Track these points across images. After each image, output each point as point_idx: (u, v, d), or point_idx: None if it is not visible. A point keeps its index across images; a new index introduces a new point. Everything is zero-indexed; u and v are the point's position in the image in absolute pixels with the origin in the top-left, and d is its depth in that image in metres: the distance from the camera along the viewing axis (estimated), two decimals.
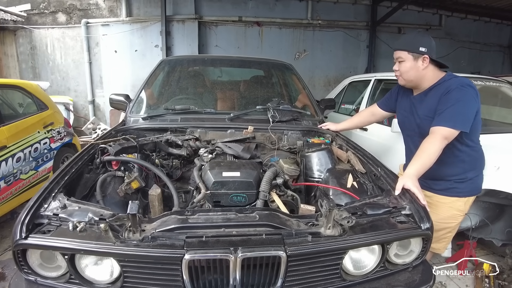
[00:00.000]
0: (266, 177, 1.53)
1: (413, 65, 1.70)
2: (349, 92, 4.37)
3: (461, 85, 1.62)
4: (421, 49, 1.66)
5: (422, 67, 1.69)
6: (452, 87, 1.63)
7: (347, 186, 1.67)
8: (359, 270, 1.27)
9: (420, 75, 1.72)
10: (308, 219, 1.27)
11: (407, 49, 1.70)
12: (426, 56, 1.67)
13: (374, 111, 2.18)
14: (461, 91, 1.60)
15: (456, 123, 1.56)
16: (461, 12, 7.35)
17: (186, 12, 6.37)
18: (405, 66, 1.72)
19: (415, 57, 1.68)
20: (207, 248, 1.05)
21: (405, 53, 1.70)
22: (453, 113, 1.57)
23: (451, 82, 1.67)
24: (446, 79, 1.71)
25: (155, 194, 1.53)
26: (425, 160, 1.54)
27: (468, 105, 1.59)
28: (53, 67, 6.39)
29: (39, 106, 3.73)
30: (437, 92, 1.69)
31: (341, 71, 7.30)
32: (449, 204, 1.82)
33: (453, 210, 1.83)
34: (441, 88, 1.69)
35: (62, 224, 1.17)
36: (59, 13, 6.24)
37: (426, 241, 1.32)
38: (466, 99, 1.59)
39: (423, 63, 1.69)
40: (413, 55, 1.68)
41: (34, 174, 3.37)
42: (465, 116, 1.58)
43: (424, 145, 1.57)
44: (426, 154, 1.54)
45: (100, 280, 1.15)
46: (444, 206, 1.82)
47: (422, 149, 1.57)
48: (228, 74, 3.36)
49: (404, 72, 1.74)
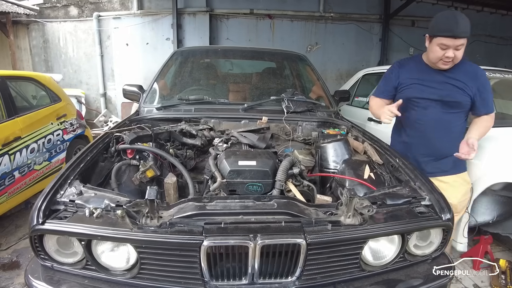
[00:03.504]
0: (282, 167, 1.51)
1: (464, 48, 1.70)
2: (362, 85, 4.30)
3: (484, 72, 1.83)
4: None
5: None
6: (479, 72, 1.80)
7: (364, 177, 1.64)
8: (379, 260, 1.25)
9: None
10: (327, 208, 1.25)
11: (469, 36, 1.65)
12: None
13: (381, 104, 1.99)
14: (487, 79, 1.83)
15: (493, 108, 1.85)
16: (477, 5, 7.13)
17: (197, 5, 6.34)
18: (463, 50, 1.69)
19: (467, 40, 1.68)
20: (226, 235, 1.03)
21: (466, 39, 1.65)
22: (491, 100, 1.84)
23: (475, 67, 1.84)
24: (465, 61, 1.81)
25: (171, 183, 1.53)
26: (482, 133, 1.80)
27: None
28: (65, 60, 6.46)
29: (52, 98, 3.78)
30: (466, 70, 1.80)
31: (353, 64, 7.20)
32: (462, 180, 1.92)
33: (466, 185, 1.93)
34: (468, 67, 1.82)
35: (78, 211, 1.18)
36: (71, 7, 6.29)
37: (447, 232, 1.29)
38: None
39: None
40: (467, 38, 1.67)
41: (47, 165, 3.42)
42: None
43: (484, 123, 1.81)
44: (484, 129, 1.80)
45: (116, 266, 1.15)
46: (459, 184, 1.90)
47: (483, 125, 1.81)
48: (240, 67, 3.33)
49: (459, 57, 1.71)
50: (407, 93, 1.88)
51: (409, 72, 1.90)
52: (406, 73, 1.91)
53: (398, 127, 2.06)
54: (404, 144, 1.96)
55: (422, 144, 1.89)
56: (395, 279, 1.24)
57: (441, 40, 1.65)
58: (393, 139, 2.11)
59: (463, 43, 1.65)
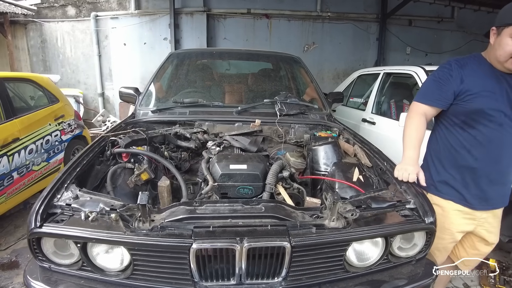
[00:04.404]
0: (272, 170, 1.55)
1: None
2: (357, 86, 4.34)
3: None
4: None
5: None
6: None
7: (353, 179, 1.68)
8: (363, 262, 1.29)
9: None
10: (313, 211, 1.29)
11: None
12: None
13: (427, 114, 1.55)
14: None
15: None
16: (474, 4, 7.14)
17: (195, 5, 6.36)
18: None
19: None
20: (214, 238, 1.08)
21: None
22: None
23: None
24: None
25: (164, 186, 1.57)
26: None
27: None
28: (63, 60, 6.48)
29: (50, 99, 3.81)
30: None
31: (350, 64, 7.23)
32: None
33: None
34: None
35: (74, 214, 1.21)
36: (68, 7, 6.31)
37: (430, 235, 1.33)
38: None
39: None
40: None
41: (45, 166, 3.46)
42: None
43: None
44: None
45: (111, 267, 1.20)
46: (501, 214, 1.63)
47: None
48: (236, 67, 3.37)
49: None
50: (477, 103, 1.42)
51: (475, 76, 1.45)
52: (472, 77, 1.45)
53: (454, 145, 1.53)
54: (465, 169, 1.50)
55: (493, 169, 1.48)
56: (379, 280, 1.29)
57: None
58: (438, 160, 1.60)
59: None
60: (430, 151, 1.66)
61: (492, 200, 1.53)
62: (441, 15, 7.25)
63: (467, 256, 1.72)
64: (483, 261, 2.35)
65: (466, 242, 1.71)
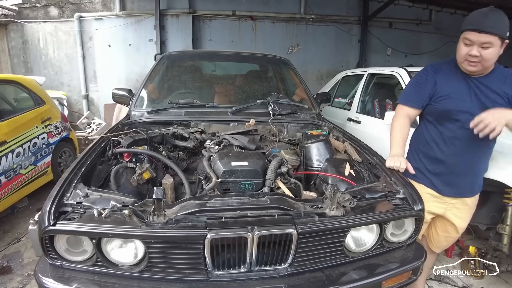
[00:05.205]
0: (272, 166, 1.64)
1: (498, 51, 1.45)
2: (342, 86, 4.49)
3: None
4: (507, 34, 1.43)
5: (500, 53, 1.47)
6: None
7: (345, 174, 1.79)
8: (360, 247, 1.41)
9: (495, 61, 1.51)
10: (313, 202, 1.39)
11: (498, 33, 1.40)
12: (507, 41, 1.46)
13: (409, 114, 1.74)
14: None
15: None
16: (451, 8, 7.47)
17: (180, 6, 6.37)
18: (492, 52, 1.43)
19: (502, 41, 1.43)
20: (227, 228, 1.16)
21: (495, 37, 1.40)
22: None
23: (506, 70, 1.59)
24: (499, 66, 1.60)
25: (168, 183, 1.63)
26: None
27: None
28: (46, 61, 6.33)
29: (36, 101, 3.76)
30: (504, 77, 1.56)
31: (333, 65, 7.40)
32: (477, 200, 1.80)
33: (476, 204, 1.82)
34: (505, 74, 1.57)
35: (86, 212, 1.25)
36: (51, 7, 6.17)
37: (419, 221, 1.46)
38: None
39: (501, 50, 1.47)
40: (501, 39, 1.43)
41: (33, 169, 3.41)
42: None
43: None
44: None
45: (125, 262, 1.24)
46: (474, 204, 1.80)
47: None
48: (229, 68, 3.44)
49: (488, 58, 1.45)
50: (446, 104, 1.60)
51: (446, 80, 1.62)
52: (444, 81, 1.62)
53: (427, 139, 1.72)
54: (437, 162, 1.69)
55: (458, 162, 1.64)
56: (375, 264, 1.41)
57: (466, 34, 1.47)
58: (420, 151, 1.77)
59: (490, 40, 1.40)
60: (412, 143, 1.86)
61: (459, 189, 1.70)
62: (419, 18, 7.54)
63: (439, 238, 1.92)
64: (463, 248, 2.55)
65: (439, 225, 1.89)
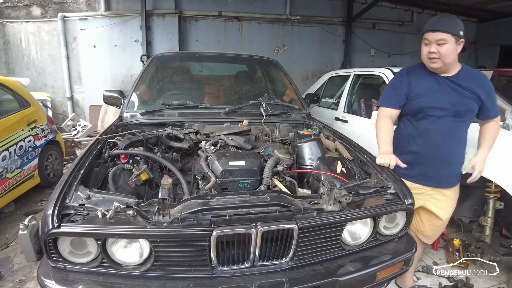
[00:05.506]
0: (268, 165, 1.69)
1: (454, 48, 1.68)
2: (329, 87, 4.57)
3: (485, 74, 1.86)
4: (461, 33, 1.68)
5: (458, 51, 1.71)
6: (485, 77, 1.82)
7: (337, 171, 1.86)
8: (355, 241, 1.49)
9: (455, 59, 1.73)
10: (310, 199, 1.45)
11: (451, 31, 1.66)
12: (463, 40, 1.70)
13: (391, 115, 1.90)
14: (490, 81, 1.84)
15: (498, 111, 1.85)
16: (431, 9, 7.77)
17: (166, 7, 6.36)
18: (448, 48, 1.66)
19: (456, 40, 1.67)
20: (232, 225, 1.20)
21: (448, 35, 1.65)
22: (496, 102, 1.84)
23: (478, 72, 1.86)
24: (467, 66, 1.83)
25: (167, 184, 1.66)
26: (492, 145, 1.84)
27: None
28: (28, 62, 6.19)
29: (21, 103, 3.67)
30: (471, 76, 1.78)
31: (318, 65, 7.54)
32: (456, 191, 1.94)
33: (457, 195, 1.95)
34: (471, 73, 1.80)
35: (89, 213, 1.25)
36: (33, 6, 6.03)
37: (409, 215, 1.55)
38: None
39: (459, 47, 1.71)
40: (455, 38, 1.67)
41: (20, 173, 3.34)
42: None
43: (492, 133, 1.85)
44: (493, 140, 1.84)
45: (130, 262, 1.26)
46: (455, 195, 1.93)
47: (493, 135, 1.84)
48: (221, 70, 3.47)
49: (445, 54, 1.67)
50: (419, 102, 1.79)
51: (418, 81, 1.82)
52: (416, 81, 1.82)
53: (405, 135, 1.90)
54: (414, 154, 1.84)
55: (434, 154, 1.81)
56: (369, 256, 1.48)
57: (424, 36, 1.72)
58: (399, 147, 1.89)
59: (443, 37, 1.65)
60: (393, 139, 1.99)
61: (435, 179, 1.85)
62: (402, 19, 7.78)
63: (425, 227, 2.03)
64: (448, 240, 2.67)
65: (423, 216, 2.00)
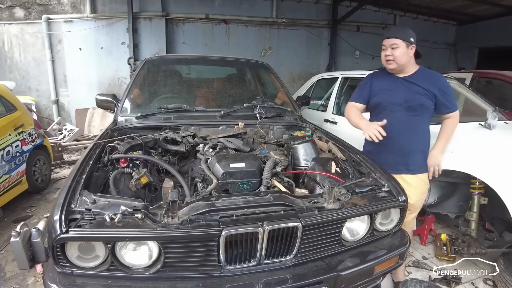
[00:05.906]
0: (267, 166, 1.74)
1: (405, 51, 1.98)
2: (317, 89, 4.67)
3: (441, 75, 2.12)
4: (411, 39, 1.98)
5: (410, 54, 2.02)
6: (440, 77, 2.09)
7: (332, 171, 1.93)
8: (354, 237, 1.56)
9: (408, 61, 2.03)
10: (309, 198, 1.52)
11: (402, 37, 1.97)
12: (414, 45, 2.01)
13: (357, 108, 2.24)
14: (446, 80, 2.10)
15: (456, 107, 2.11)
16: (413, 13, 8.07)
17: (153, 9, 6.34)
18: (400, 51, 1.98)
19: (407, 45, 1.98)
20: (239, 225, 1.25)
21: (399, 40, 1.97)
22: (454, 99, 2.11)
23: (434, 73, 2.13)
24: (424, 68, 2.13)
25: (169, 187, 1.69)
26: (449, 138, 2.15)
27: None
28: (11, 65, 6.03)
29: (8, 107, 3.61)
30: (426, 76, 2.07)
31: (304, 68, 7.67)
32: (421, 180, 2.12)
33: (425, 185, 2.15)
34: (427, 73, 2.09)
35: (96, 218, 1.25)
36: (16, 8, 5.88)
37: (403, 211, 1.63)
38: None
39: (411, 51, 2.01)
40: (406, 43, 1.97)
41: (7, 179, 3.28)
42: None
43: (450, 127, 2.12)
44: (450, 134, 2.14)
45: (139, 264, 1.27)
46: (418, 184, 2.11)
47: (448, 130, 2.12)
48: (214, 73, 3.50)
49: (398, 56, 1.99)
50: (377, 99, 2.14)
51: (378, 81, 2.17)
52: (376, 82, 2.18)
53: None
54: (376, 145, 2.01)
55: (391, 144, 2.04)
56: (367, 251, 1.56)
57: (382, 42, 2.05)
58: (367, 140, 2.11)
59: (395, 42, 1.97)
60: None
61: (393, 166, 2.06)
62: (385, 22, 8.01)
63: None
64: (436, 235, 2.79)
65: None
